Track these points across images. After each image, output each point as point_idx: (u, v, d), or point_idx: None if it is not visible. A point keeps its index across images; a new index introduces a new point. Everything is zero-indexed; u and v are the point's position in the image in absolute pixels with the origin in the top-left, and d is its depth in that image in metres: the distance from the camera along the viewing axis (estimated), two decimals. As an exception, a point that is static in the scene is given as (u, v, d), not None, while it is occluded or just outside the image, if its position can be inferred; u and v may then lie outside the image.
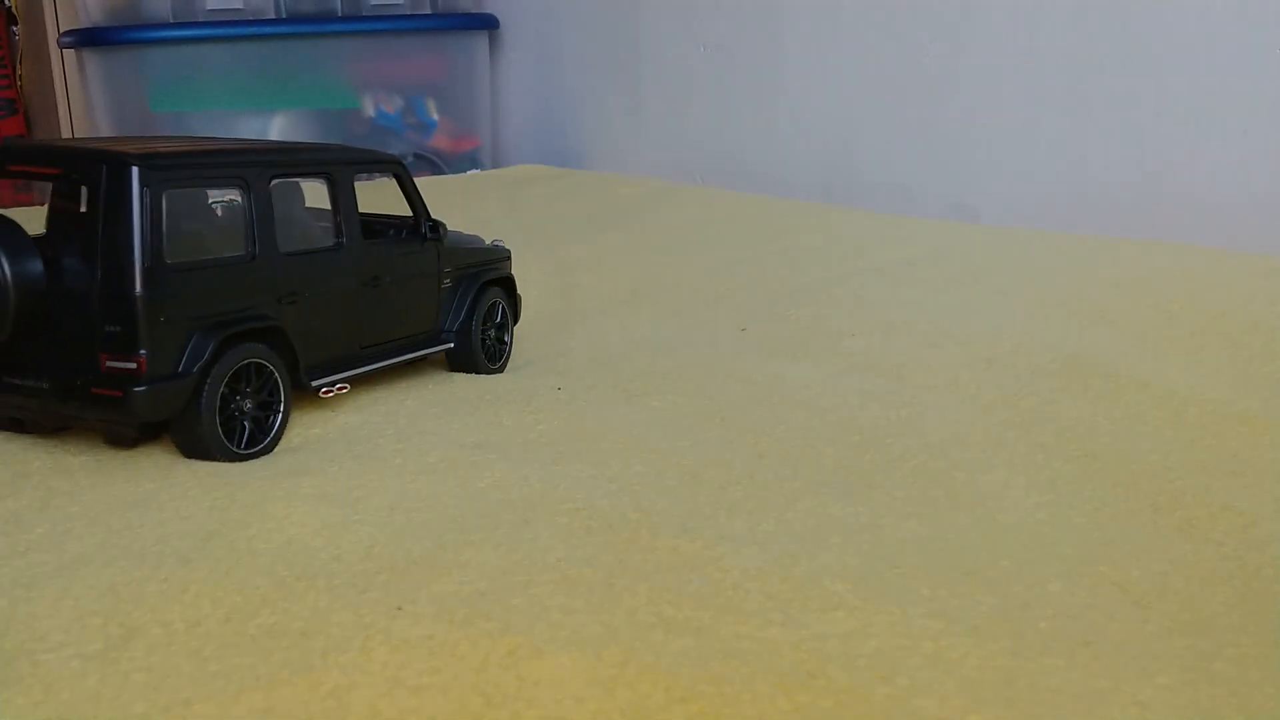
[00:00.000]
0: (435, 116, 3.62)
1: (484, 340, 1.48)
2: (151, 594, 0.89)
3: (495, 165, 3.73)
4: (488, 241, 1.55)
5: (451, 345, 1.44)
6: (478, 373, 1.46)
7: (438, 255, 1.42)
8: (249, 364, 1.16)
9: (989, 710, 0.74)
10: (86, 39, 3.28)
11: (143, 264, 1.07)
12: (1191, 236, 2.06)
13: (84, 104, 3.65)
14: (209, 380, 1.11)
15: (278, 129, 3.45)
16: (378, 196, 1.51)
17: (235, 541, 0.98)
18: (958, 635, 0.82)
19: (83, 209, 1.09)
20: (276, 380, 1.18)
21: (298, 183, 1.29)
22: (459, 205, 2.81)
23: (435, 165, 3.62)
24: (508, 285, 1.53)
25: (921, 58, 2.57)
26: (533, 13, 3.68)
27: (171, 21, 3.26)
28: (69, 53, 3.77)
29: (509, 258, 1.55)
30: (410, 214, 1.41)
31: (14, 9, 4.38)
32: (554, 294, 1.89)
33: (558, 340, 1.62)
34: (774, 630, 0.83)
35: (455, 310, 1.44)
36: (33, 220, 1.15)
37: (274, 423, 1.19)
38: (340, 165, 1.29)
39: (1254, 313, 1.50)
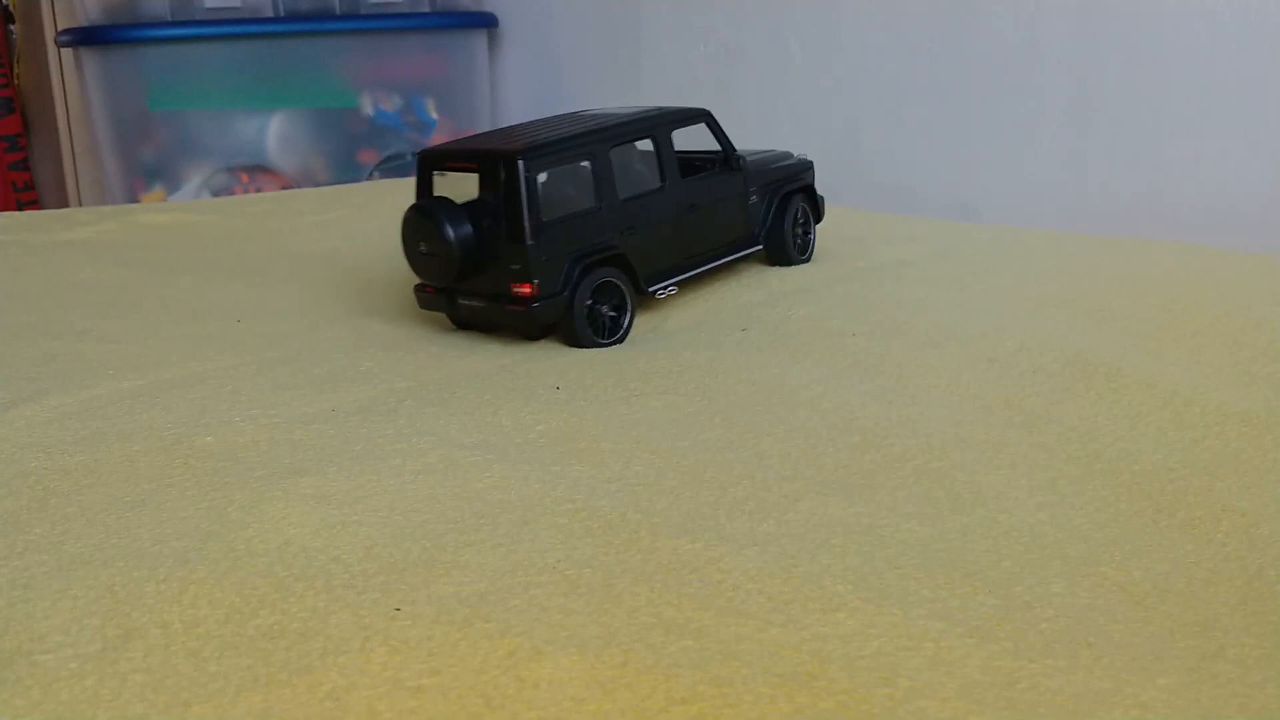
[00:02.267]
0: (434, 115, 3.62)
1: (792, 237, 1.88)
2: (150, 595, 0.89)
3: (494, 164, 3.72)
4: (795, 155, 1.94)
5: (761, 247, 1.86)
6: (790, 264, 1.88)
7: (743, 179, 1.81)
8: (604, 282, 1.58)
9: (990, 711, 0.74)
10: (84, 37, 3.27)
11: (530, 222, 1.50)
12: (1193, 236, 2.06)
13: (81, 103, 3.65)
14: (577, 295, 1.55)
15: (275, 128, 3.45)
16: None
17: (233, 542, 0.98)
18: (959, 636, 0.82)
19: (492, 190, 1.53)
20: (623, 291, 1.60)
21: (632, 144, 1.68)
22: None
23: (434, 164, 3.61)
24: (809, 191, 1.91)
25: (922, 58, 2.57)
26: (532, 11, 3.68)
27: (169, 20, 3.25)
28: (66, 51, 3.77)
29: (809, 168, 1.93)
30: (721, 151, 1.80)
31: (11, 7, 4.38)
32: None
33: (556, 339, 1.62)
34: (774, 631, 0.83)
35: (763, 219, 1.86)
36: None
37: (625, 321, 1.61)
38: (660, 125, 1.69)
39: (1257, 313, 1.50)
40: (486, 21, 3.68)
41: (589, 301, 1.56)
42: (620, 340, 1.59)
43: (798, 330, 1.59)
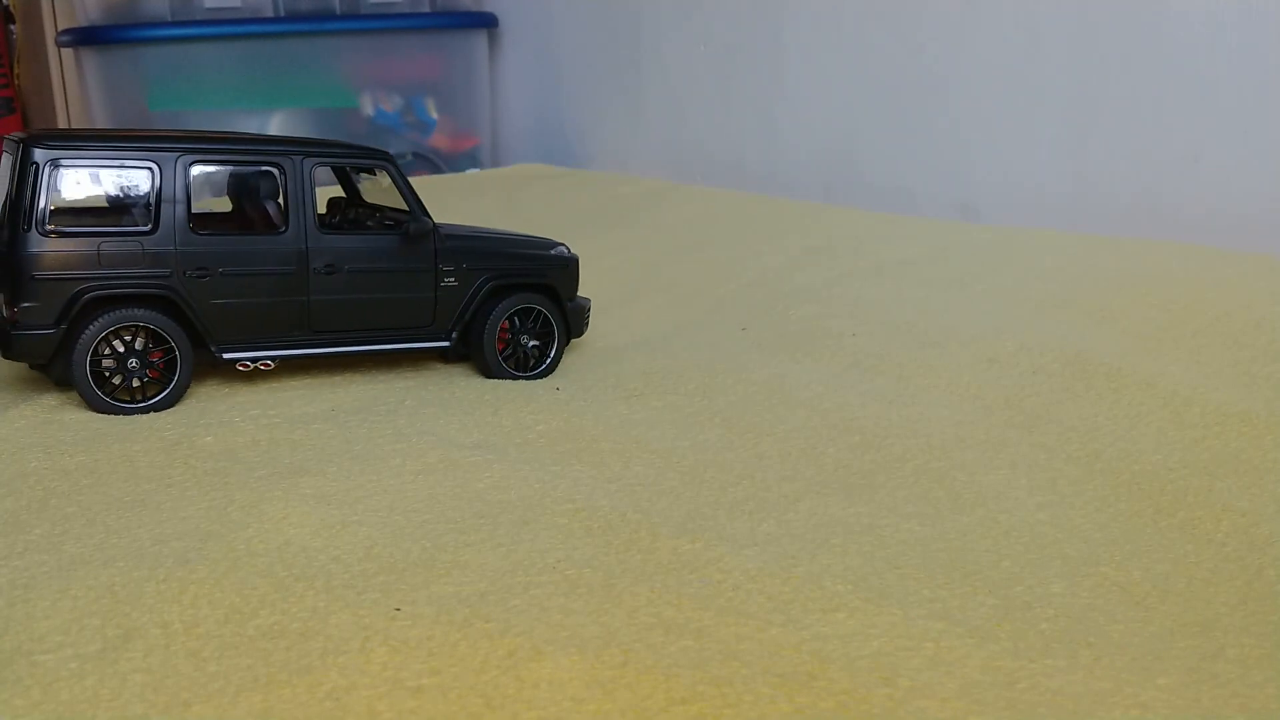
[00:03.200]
0: (434, 115, 3.61)
1: (507, 345, 1.47)
2: (150, 595, 0.89)
3: (495, 164, 3.73)
4: (558, 250, 1.54)
5: (446, 344, 1.46)
6: (492, 377, 1.45)
7: (431, 252, 1.44)
8: (132, 327, 1.28)
9: (990, 711, 0.74)
10: (84, 37, 3.27)
11: (25, 229, 1.24)
12: (1193, 236, 2.05)
13: (82, 103, 3.64)
14: (82, 335, 1.25)
15: (276, 128, 3.45)
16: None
17: (233, 542, 0.98)
18: (959, 636, 0.82)
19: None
20: (169, 343, 1.29)
21: (245, 172, 1.41)
22: (459, 204, 2.81)
23: (434, 164, 3.62)
24: (552, 293, 1.49)
25: (922, 58, 2.57)
26: (532, 11, 3.67)
27: (170, 20, 3.25)
28: (67, 51, 3.77)
29: (563, 265, 1.52)
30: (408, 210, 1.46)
31: (11, 7, 4.38)
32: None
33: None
34: (774, 631, 0.83)
35: (458, 311, 1.45)
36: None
37: (173, 381, 1.30)
38: (296, 155, 1.38)
39: (1257, 313, 1.50)
40: (487, 21, 3.68)
41: (103, 345, 1.26)
42: (155, 408, 1.28)
43: (798, 330, 1.59)
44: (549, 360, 1.48)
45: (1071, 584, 0.90)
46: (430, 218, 1.43)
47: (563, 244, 1.55)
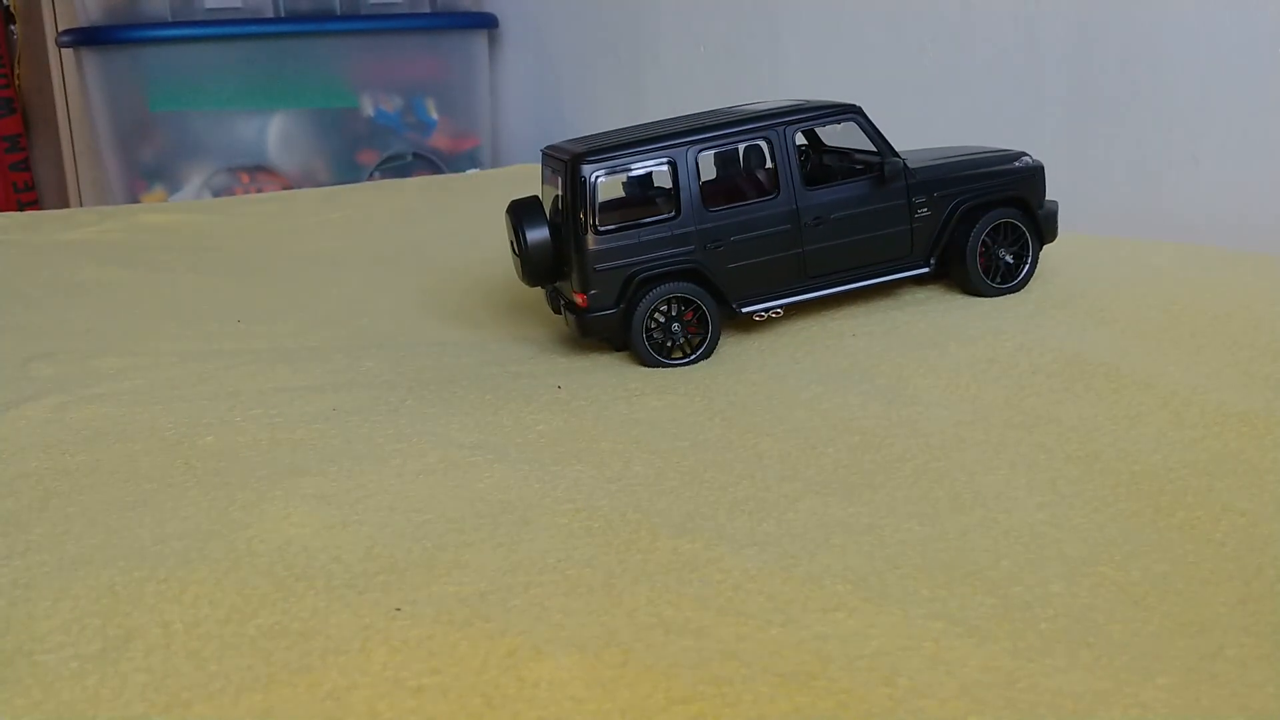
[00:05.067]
0: (435, 116, 3.62)
1: (989, 261, 1.60)
2: (150, 595, 0.89)
3: (495, 164, 3.73)
4: (1025, 159, 1.64)
5: (926, 269, 1.60)
6: (980, 294, 1.60)
7: (904, 188, 1.57)
8: (676, 297, 1.49)
9: (990, 711, 0.74)
10: (85, 38, 3.27)
11: (586, 230, 1.48)
12: (1193, 236, 2.05)
13: (82, 103, 3.65)
14: (636, 311, 1.47)
15: (276, 128, 3.46)
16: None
17: (234, 542, 0.98)
18: (959, 636, 0.82)
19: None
20: (702, 308, 1.49)
21: (734, 148, 1.59)
22: (459, 205, 2.81)
23: (435, 165, 3.62)
24: (1022, 204, 1.61)
25: (921, 58, 2.57)
26: (532, 12, 3.68)
27: (170, 21, 3.26)
28: (67, 52, 3.77)
29: (1028, 176, 1.63)
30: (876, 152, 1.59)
31: (12, 8, 4.38)
32: (553, 294, 1.89)
33: (556, 340, 1.62)
34: (774, 631, 0.83)
35: (934, 237, 1.59)
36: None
37: (705, 341, 1.50)
38: (775, 125, 1.54)
39: (1256, 313, 1.50)
40: (487, 22, 3.68)
41: (659, 318, 1.48)
42: (702, 358, 1.50)
43: (797, 330, 1.59)
44: (1026, 268, 1.60)
45: (1071, 584, 0.90)
46: (899, 156, 1.55)
47: (1026, 153, 1.64)
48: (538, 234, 1.50)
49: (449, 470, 1.13)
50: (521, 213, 1.51)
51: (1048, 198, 1.65)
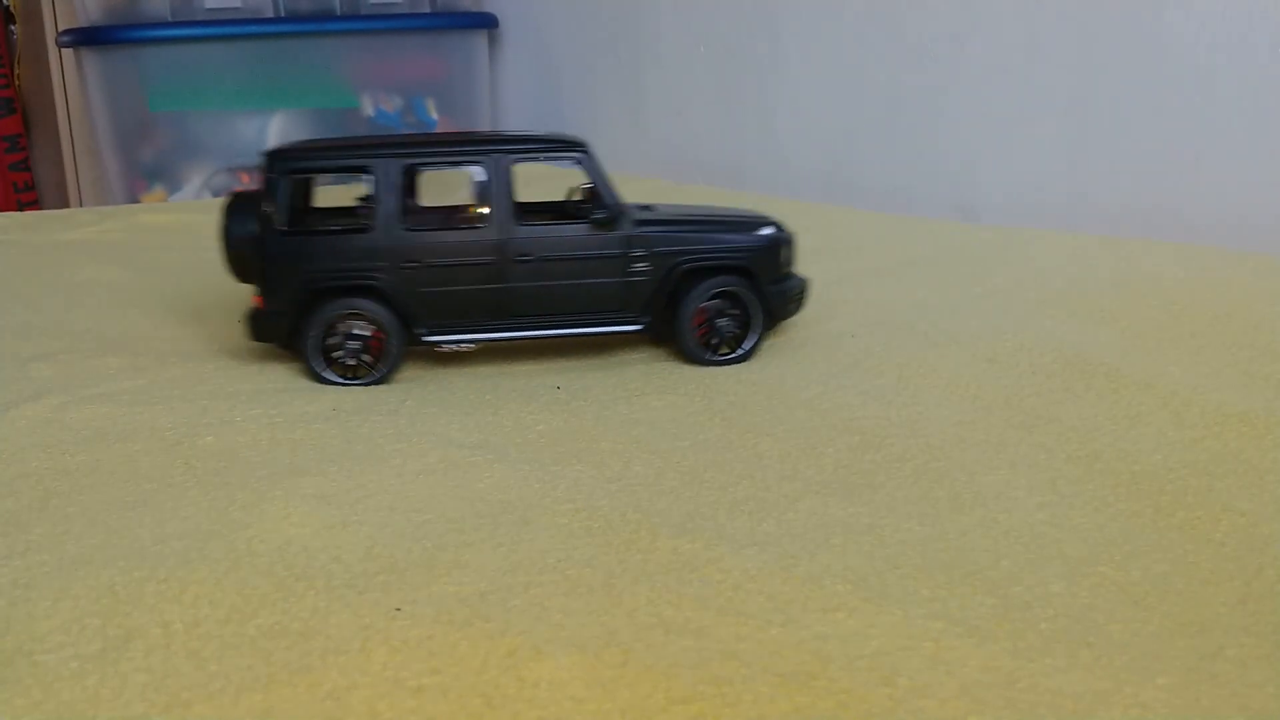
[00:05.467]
0: (435, 116, 3.62)
1: (706, 330, 1.48)
2: (150, 595, 0.89)
3: (495, 165, 3.73)
4: (772, 229, 1.54)
5: (639, 328, 1.49)
6: (696, 362, 1.48)
7: (623, 239, 1.47)
8: (350, 313, 1.43)
9: (989, 711, 0.74)
10: (85, 38, 3.27)
11: (268, 231, 1.42)
12: (1193, 237, 2.06)
13: (82, 103, 3.65)
14: (310, 321, 1.41)
15: (276, 128, 3.46)
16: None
17: (234, 542, 0.98)
18: (958, 636, 0.82)
19: None
20: (381, 328, 1.42)
21: (450, 169, 1.50)
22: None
23: (435, 165, 3.61)
24: (748, 274, 1.49)
25: (921, 59, 2.57)
26: (532, 12, 3.68)
27: (170, 21, 3.26)
28: (67, 52, 3.77)
29: (769, 248, 1.51)
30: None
31: (12, 8, 4.38)
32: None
33: (557, 340, 1.62)
34: (774, 631, 0.83)
35: (648, 297, 1.48)
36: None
37: (378, 365, 1.43)
38: (495, 152, 1.45)
39: (1256, 313, 1.50)
40: (487, 22, 3.68)
41: (335, 334, 1.41)
42: (378, 383, 1.42)
43: (797, 330, 1.59)
44: (747, 342, 1.48)
45: (1071, 584, 0.90)
46: (618, 205, 1.46)
47: (774, 223, 1.54)
48: (242, 230, 1.43)
49: (449, 470, 1.13)
50: (232, 207, 1.45)
51: (803, 274, 1.56)
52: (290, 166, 1.41)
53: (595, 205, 1.45)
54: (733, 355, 1.47)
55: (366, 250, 1.41)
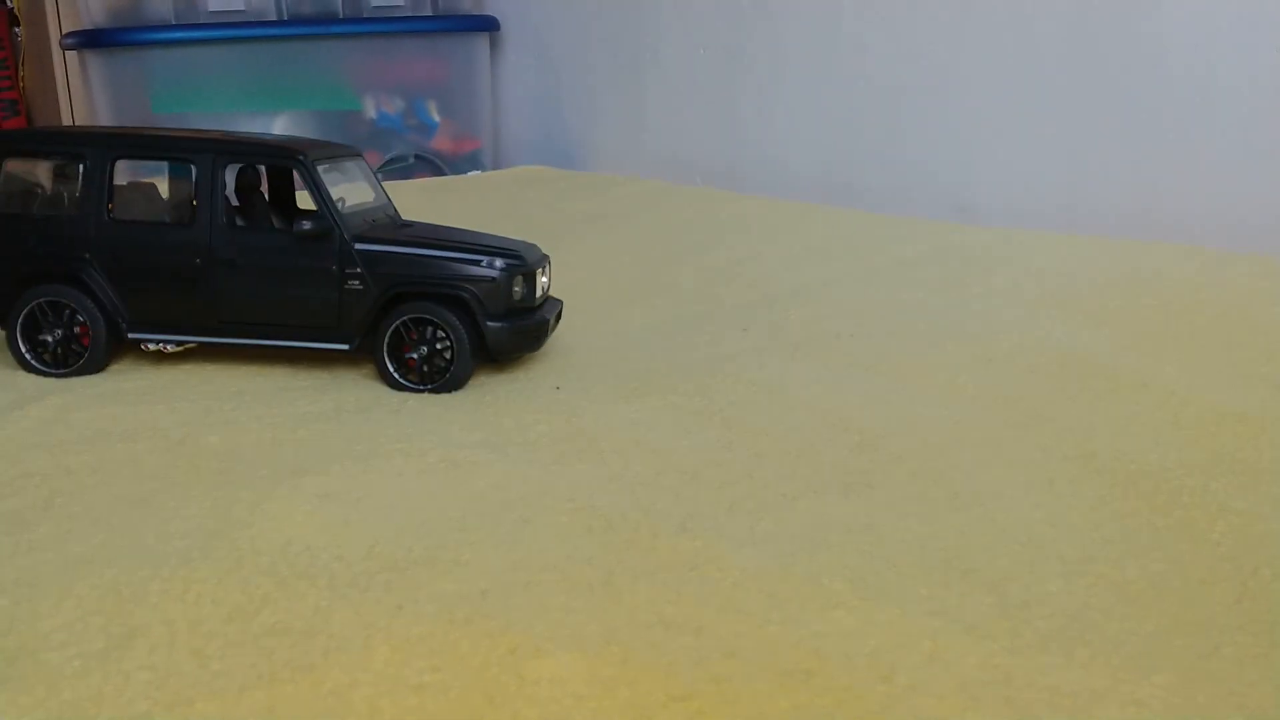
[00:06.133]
0: (436, 118, 3.62)
1: (410, 356, 1.42)
2: (154, 593, 0.89)
3: (496, 166, 3.74)
4: (529, 256, 1.47)
5: (346, 347, 1.45)
6: (396, 387, 1.42)
7: (335, 253, 1.43)
8: (49, 302, 1.44)
9: (987, 709, 0.74)
10: (89, 40, 3.28)
11: None
12: (1191, 237, 2.06)
13: (86, 105, 3.65)
14: (11, 309, 1.45)
15: (279, 130, 3.46)
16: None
17: (237, 541, 0.98)
18: (956, 634, 0.83)
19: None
20: (84, 318, 1.42)
21: (170, 165, 1.51)
22: (461, 206, 2.82)
23: (437, 166, 3.62)
24: (464, 305, 1.41)
25: (920, 60, 2.58)
26: (533, 14, 3.68)
27: (173, 23, 3.26)
28: (71, 54, 3.78)
29: (499, 279, 1.42)
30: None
31: (16, 10, 4.39)
32: (553, 293, 1.89)
33: (557, 340, 1.63)
34: (773, 629, 0.83)
35: (359, 317, 1.43)
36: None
37: (83, 353, 1.44)
38: (209, 153, 1.45)
39: (1252, 313, 1.50)
40: (488, 25, 3.68)
41: (29, 322, 1.43)
42: (77, 373, 1.45)
43: (797, 330, 1.59)
44: (451, 372, 1.41)
45: (1068, 582, 0.90)
46: (331, 218, 1.42)
47: (518, 258, 1.44)
48: None
49: (450, 469, 1.13)
50: None
51: (550, 316, 1.49)
52: (9, 148, 1.45)
53: (311, 216, 1.42)
54: (433, 385, 1.41)
55: (75, 239, 1.42)
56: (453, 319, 1.41)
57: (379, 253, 1.42)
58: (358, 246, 1.42)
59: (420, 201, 2.91)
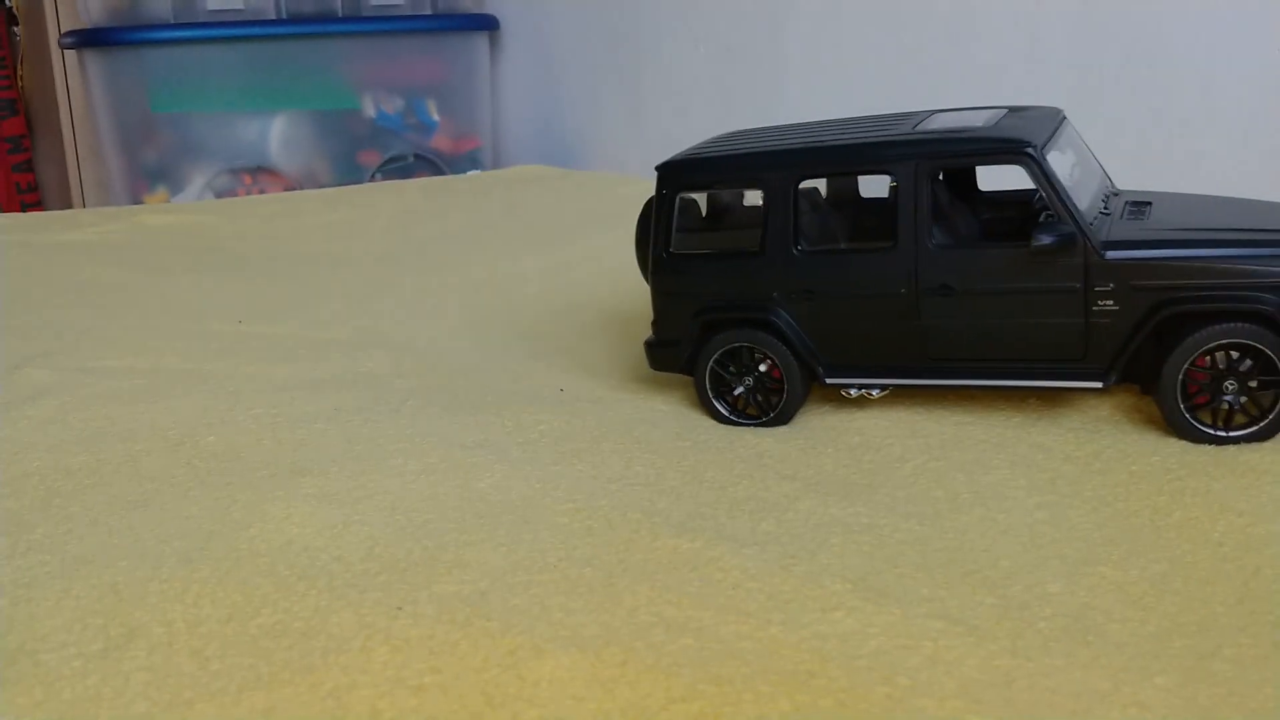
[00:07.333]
0: (436, 117, 3.62)
1: (1207, 392, 1.11)
2: (153, 594, 0.89)
3: (496, 166, 3.74)
4: None
5: (1100, 385, 1.16)
6: (1192, 439, 1.13)
7: (1081, 265, 1.13)
8: (734, 348, 1.25)
9: (988, 710, 0.74)
10: (87, 39, 3.28)
11: (654, 251, 1.30)
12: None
13: (85, 104, 3.65)
14: (700, 354, 1.27)
15: (278, 130, 3.46)
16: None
17: (236, 541, 0.98)
18: (957, 635, 0.82)
19: None
20: (776, 365, 1.22)
21: (853, 179, 1.36)
22: (460, 206, 2.82)
23: (436, 166, 3.62)
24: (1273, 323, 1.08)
25: (920, 58, 2.58)
26: (533, 13, 3.68)
27: (172, 22, 3.26)
28: (70, 53, 3.78)
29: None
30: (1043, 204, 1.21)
31: (15, 9, 4.39)
32: (554, 293, 1.89)
33: (560, 340, 1.63)
34: (774, 630, 0.83)
35: (1121, 344, 1.14)
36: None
37: (777, 403, 1.23)
38: (910, 157, 1.17)
39: (1254, 313, 1.50)
40: (488, 24, 3.68)
41: (727, 368, 1.24)
42: (773, 423, 1.23)
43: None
44: (1276, 413, 1.08)
45: (1069, 583, 0.90)
46: (1078, 219, 1.12)
47: None
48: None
49: (450, 470, 1.13)
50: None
51: None
52: (676, 182, 1.25)
53: (1048, 227, 1.11)
54: (1253, 429, 1.10)
55: (766, 277, 1.20)
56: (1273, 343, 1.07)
57: (1136, 263, 1.10)
58: (1110, 259, 1.11)
59: (420, 201, 2.91)
